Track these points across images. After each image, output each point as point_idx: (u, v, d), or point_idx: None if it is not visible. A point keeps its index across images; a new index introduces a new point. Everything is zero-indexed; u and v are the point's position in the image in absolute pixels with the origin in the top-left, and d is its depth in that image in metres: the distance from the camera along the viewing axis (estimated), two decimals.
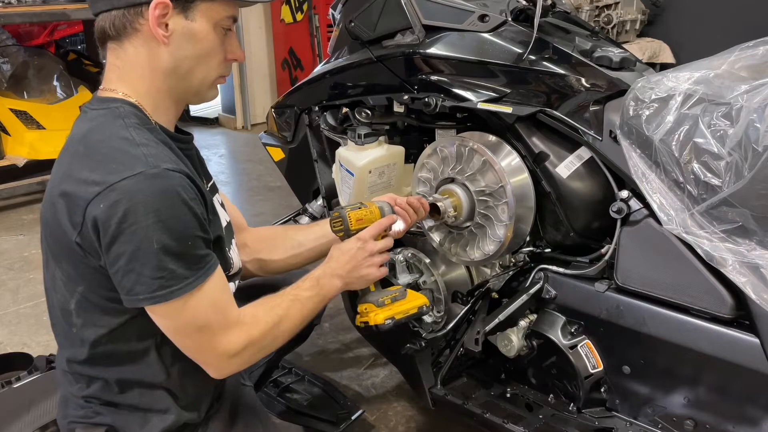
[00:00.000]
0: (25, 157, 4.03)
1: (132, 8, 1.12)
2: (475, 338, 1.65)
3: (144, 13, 1.12)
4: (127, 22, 1.13)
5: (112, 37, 1.15)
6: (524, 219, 1.58)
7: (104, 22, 1.14)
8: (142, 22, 1.12)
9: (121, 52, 1.15)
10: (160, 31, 1.12)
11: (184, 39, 1.14)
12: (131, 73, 1.16)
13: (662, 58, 4.66)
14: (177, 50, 1.15)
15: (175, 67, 1.16)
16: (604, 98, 1.56)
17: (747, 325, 1.36)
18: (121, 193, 1.03)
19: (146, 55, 1.14)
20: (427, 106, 1.63)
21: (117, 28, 1.13)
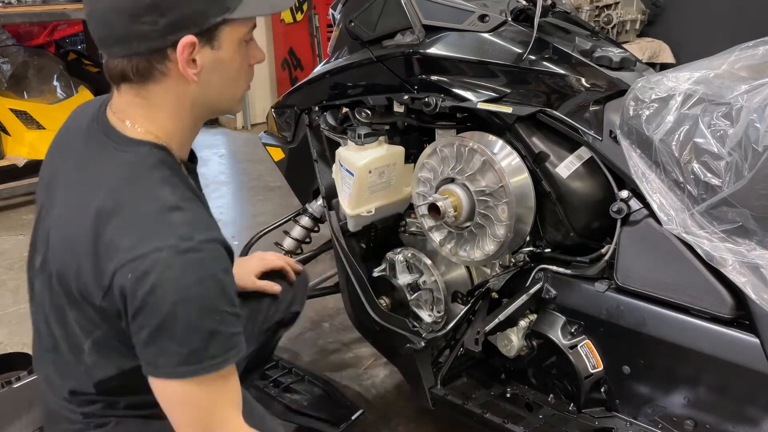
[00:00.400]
0: (25, 157, 4.03)
1: (155, 53, 1.04)
2: (475, 338, 1.65)
3: (170, 56, 1.04)
4: (152, 68, 1.06)
5: (131, 79, 1.08)
6: (524, 219, 1.58)
7: (123, 66, 1.07)
8: (168, 65, 1.05)
9: (144, 91, 1.09)
10: (191, 71, 1.06)
11: (213, 69, 1.09)
12: (159, 113, 1.10)
13: (662, 58, 4.66)
14: (207, 82, 1.09)
15: (204, 98, 1.12)
16: (604, 98, 1.56)
17: (747, 325, 1.36)
18: (151, 265, 0.97)
19: (175, 95, 1.09)
20: (427, 106, 1.63)
21: (141, 72, 1.06)
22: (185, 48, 1.03)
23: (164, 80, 1.07)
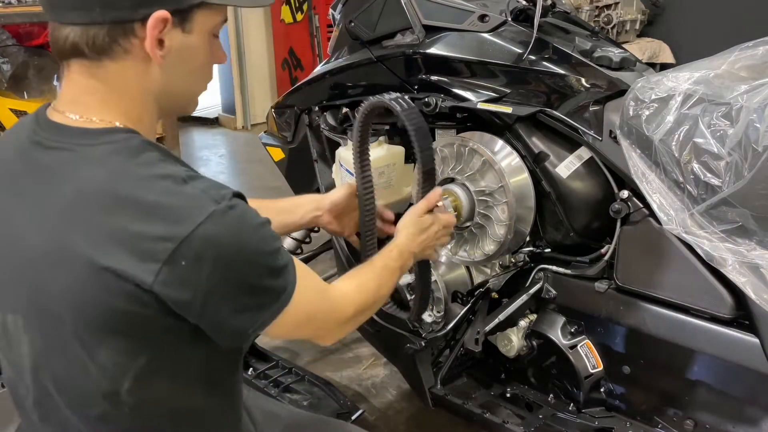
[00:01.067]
0: None
1: (119, 25, 0.91)
2: (475, 338, 1.65)
3: (136, 31, 0.92)
4: (114, 42, 0.92)
5: (85, 54, 0.93)
6: (524, 219, 1.58)
7: (75, 37, 0.92)
8: (133, 41, 0.92)
9: (99, 71, 0.94)
10: (158, 51, 0.93)
11: (180, 55, 0.97)
12: (118, 99, 0.96)
13: (662, 58, 4.66)
14: (172, 68, 0.97)
15: (166, 87, 0.99)
16: (604, 98, 1.56)
17: (747, 325, 1.36)
18: (203, 242, 0.87)
19: (135, 77, 0.96)
20: (427, 106, 1.63)
21: (98, 46, 0.92)
22: (157, 23, 0.91)
23: (125, 59, 0.94)
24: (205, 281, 0.88)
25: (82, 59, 0.93)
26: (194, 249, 0.86)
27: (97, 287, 0.88)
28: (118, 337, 0.91)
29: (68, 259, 0.89)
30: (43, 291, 0.92)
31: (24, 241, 0.93)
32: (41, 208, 0.92)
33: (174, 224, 0.86)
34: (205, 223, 0.87)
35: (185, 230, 0.86)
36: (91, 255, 0.87)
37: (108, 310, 0.89)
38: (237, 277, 0.91)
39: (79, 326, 0.91)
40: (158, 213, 0.87)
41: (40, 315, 0.94)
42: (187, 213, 0.87)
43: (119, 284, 0.87)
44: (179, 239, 0.86)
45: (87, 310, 0.89)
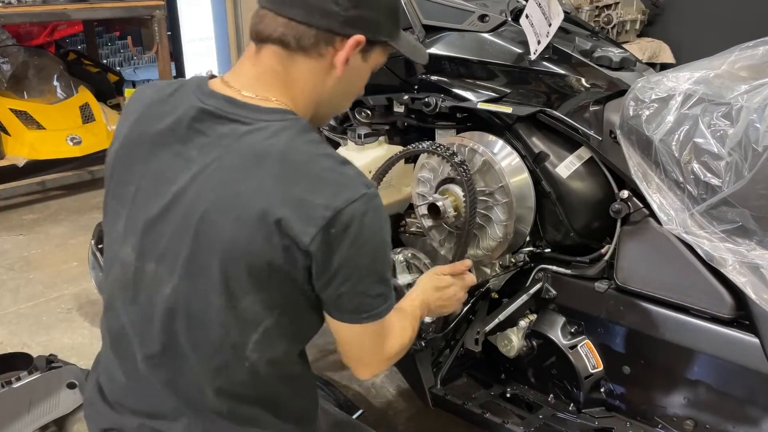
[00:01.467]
0: (25, 157, 4.03)
1: (328, 33, 1.07)
2: (475, 338, 1.65)
3: (336, 44, 1.08)
4: (317, 44, 1.08)
5: (286, 45, 1.08)
6: (524, 219, 1.58)
7: (286, 29, 1.07)
8: (329, 50, 1.09)
9: (289, 62, 1.10)
10: (342, 66, 1.10)
11: (353, 75, 1.14)
12: (296, 88, 1.11)
13: (662, 58, 4.66)
14: (344, 83, 1.14)
15: (331, 97, 1.15)
16: (604, 98, 1.56)
17: (747, 325, 1.36)
18: (351, 217, 1.00)
19: (315, 77, 1.11)
20: (427, 106, 1.63)
21: (301, 43, 1.08)
22: (354, 44, 1.09)
23: (316, 60, 1.10)
24: (345, 251, 1.01)
25: (281, 48, 1.09)
26: (344, 221, 1.00)
27: (262, 239, 1.00)
28: (263, 290, 1.04)
29: (240, 210, 1.01)
30: (206, 241, 1.03)
31: (189, 196, 1.05)
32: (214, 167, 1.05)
33: (333, 197, 1.00)
34: (357, 201, 1.01)
35: (341, 203, 1.00)
36: (264, 207, 1.00)
37: (265, 262, 1.02)
38: (368, 257, 1.05)
39: (232, 275, 1.03)
40: (322, 185, 1.02)
41: (194, 264, 1.05)
42: (344, 189, 1.02)
43: (281, 239, 1.00)
44: (335, 210, 1.00)
45: (246, 260, 1.02)
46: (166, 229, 1.07)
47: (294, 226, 1.00)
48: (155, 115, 1.13)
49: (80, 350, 2.49)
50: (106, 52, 6.61)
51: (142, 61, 6.52)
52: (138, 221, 1.10)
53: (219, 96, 1.10)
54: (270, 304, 1.06)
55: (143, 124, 1.14)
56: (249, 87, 1.10)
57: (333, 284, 1.04)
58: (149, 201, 1.09)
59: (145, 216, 1.09)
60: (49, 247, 3.46)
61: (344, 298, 1.06)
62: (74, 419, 2.08)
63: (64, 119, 4.22)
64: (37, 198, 4.12)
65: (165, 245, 1.07)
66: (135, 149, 1.13)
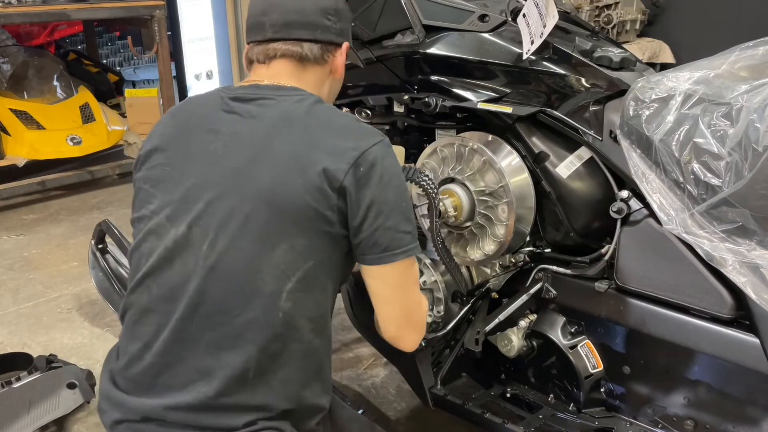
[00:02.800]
0: (25, 157, 4.03)
1: (328, 45, 1.31)
2: (475, 338, 1.65)
3: (333, 51, 1.32)
4: (324, 53, 1.30)
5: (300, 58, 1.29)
6: (524, 219, 1.58)
7: (299, 48, 1.28)
8: (329, 57, 1.32)
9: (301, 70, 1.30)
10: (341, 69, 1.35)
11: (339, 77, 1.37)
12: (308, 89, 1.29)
13: (662, 58, 4.67)
14: (336, 84, 1.38)
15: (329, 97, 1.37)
16: (604, 98, 1.56)
17: (747, 325, 1.36)
18: (375, 155, 1.17)
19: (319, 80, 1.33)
20: (427, 106, 1.63)
21: (315, 56, 1.29)
22: (346, 49, 1.35)
23: (322, 67, 1.32)
24: (374, 187, 1.15)
25: (293, 60, 1.29)
26: (370, 159, 1.16)
27: (299, 182, 1.13)
28: (299, 234, 1.14)
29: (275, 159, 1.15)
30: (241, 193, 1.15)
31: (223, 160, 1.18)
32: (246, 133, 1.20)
33: (358, 140, 1.18)
34: (378, 144, 1.19)
35: (366, 144, 1.17)
36: (298, 153, 1.15)
37: (301, 206, 1.13)
38: (394, 195, 1.18)
39: (268, 221, 1.14)
40: (347, 132, 1.20)
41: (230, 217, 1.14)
42: (366, 135, 1.20)
43: (317, 180, 1.13)
44: (362, 149, 1.16)
45: (283, 205, 1.13)
46: (201, 192, 1.17)
47: (328, 166, 1.13)
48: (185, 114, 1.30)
49: (80, 350, 2.49)
50: (106, 52, 6.61)
51: (142, 61, 6.53)
52: (173, 194, 1.20)
53: (244, 86, 1.28)
54: (304, 250, 1.15)
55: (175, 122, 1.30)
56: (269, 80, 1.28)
57: (367, 221, 1.16)
58: (184, 174, 1.20)
59: (182, 187, 1.19)
60: (49, 247, 3.46)
61: (378, 233, 1.17)
62: (74, 419, 2.08)
63: (64, 119, 4.23)
64: (37, 198, 4.12)
65: (201, 207, 1.16)
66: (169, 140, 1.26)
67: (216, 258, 1.14)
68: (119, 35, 6.72)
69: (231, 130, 1.21)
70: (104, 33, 6.62)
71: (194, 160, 1.21)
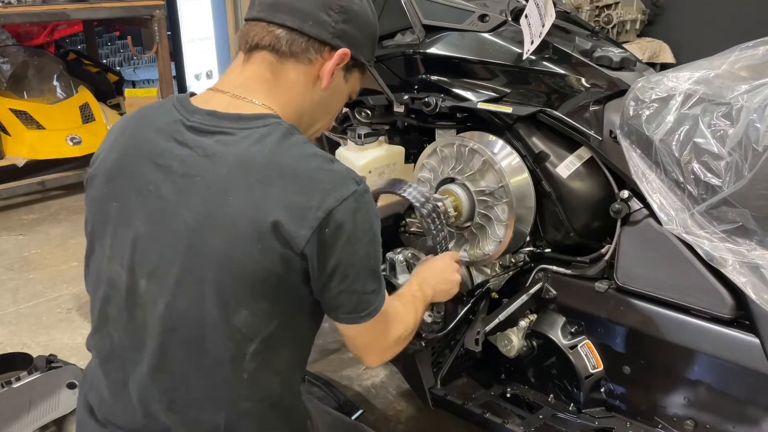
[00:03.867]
0: (25, 157, 4.02)
1: (318, 42, 1.11)
2: (475, 338, 1.65)
3: (323, 53, 1.12)
4: (307, 51, 1.11)
5: (276, 51, 1.10)
6: (524, 219, 1.58)
7: (280, 36, 1.10)
8: (318, 59, 1.12)
9: (279, 67, 1.12)
10: (329, 76, 1.13)
11: (334, 90, 1.17)
12: (284, 95, 1.12)
13: (662, 58, 4.66)
14: (326, 96, 1.17)
15: (315, 109, 1.17)
16: (604, 98, 1.56)
17: (747, 325, 1.36)
18: (344, 215, 1.02)
19: (302, 85, 1.13)
20: (427, 106, 1.63)
21: (293, 49, 1.10)
22: (343, 56, 1.13)
23: (304, 67, 1.12)
24: (339, 251, 1.02)
25: (272, 54, 1.11)
26: (337, 220, 1.01)
27: (257, 247, 1.00)
28: (260, 299, 1.04)
29: (231, 221, 1.01)
30: (197, 255, 1.03)
31: (177, 210, 1.04)
32: (200, 180, 1.04)
33: (324, 197, 1.01)
34: (348, 199, 1.02)
35: (332, 203, 1.01)
36: (256, 215, 1.00)
37: (261, 272, 1.01)
38: (362, 253, 1.05)
39: (227, 288, 1.02)
40: (313, 186, 1.02)
41: (188, 278, 1.04)
42: (336, 188, 1.02)
43: (276, 245, 1.00)
44: (327, 209, 1.01)
45: (242, 271, 1.01)
46: (155, 244, 1.06)
47: (288, 230, 1.00)
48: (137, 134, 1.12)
49: (80, 350, 2.49)
50: (106, 52, 6.60)
51: (142, 61, 6.52)
52: (126, 238, 1.08)
53: (201, 111, 1.09)
54: (267, 313, 1.06)
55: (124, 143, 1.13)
56: (238, 90, 1.12)
57: (331, 284, 1.05)
58: (134, 216, 1.08)
59: (133, 232, 1.08)
60: (48, 247, 3.46)
61: (342, 297, 1.07)
62: (74, 419, 2.08)
63: (64, 119, 4.22)
64: (37, 198, 4.11)
65: (156, 261, 1.06)
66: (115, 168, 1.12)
67: (176, 320, 1.06)
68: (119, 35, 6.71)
69: (183, 170, 1.05)
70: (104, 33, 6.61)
71: (144, 202, 1.07)
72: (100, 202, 1.13)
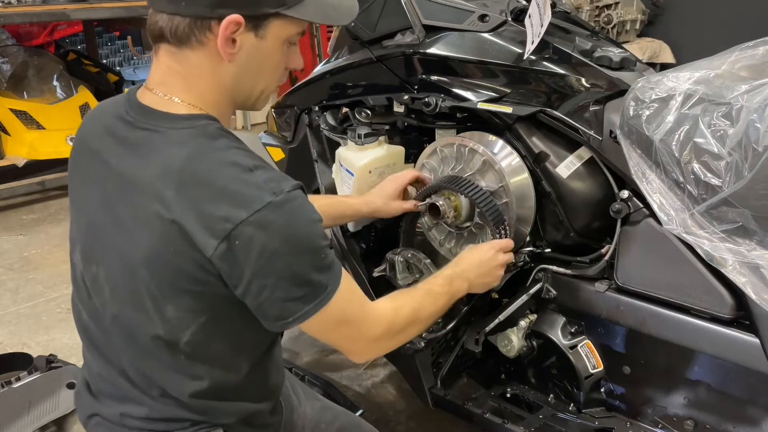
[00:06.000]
0: (25, 157, 4.03)
1: (199, 20, 1.03)
2: (475, 338, 1.65)
3: (212, 28, 1.04)
4: (192, 34, 1.05)
5: (169, 41, 1.06)
6: (524, 219, 1.58)
7: (163, 23, 1.05)
8: (209, 36, 1.04)
9: (181, 57, 1.07)
10: (228, 49, 1.05)
11: (251, 55, 1.09)
12: (198, 82, 1.09)
13: (662, 58, 4.66)
14: (242, 66, 1.09)
15: (239, 82, 1.11)
16: (604, 98, 1.56)
17: (747, 325, 1.36)
18: (256, 227, 0.99)
19: (210, 68, 1.08)
20: (427, 106, 1.63)
21: (179, 36, 1.05)
22: (229, 25, 1.03)
23: (201, 50, 1.06)
24: (253, 263, 1.00)
25: (168, 45, 1.07)
26: (247, 233, 0.99)
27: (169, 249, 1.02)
28: (184, 296, 1.06)
29: (146, 222, 1.03)
30: (127, 249, 1.06)
31: (107, 205, 1.09)
32: (130, 179, 1.06)
33: (235, 208, 0.99)
34: (262, 211, 0.99)
35: (243, 215, 0.98)
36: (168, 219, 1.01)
37: (178, 271, 1.03)
38: (282, 265, 1.02)
39: (152, 283, 1.05)
40: (224, 196, 1.00)
41: (123, 270, 1.08)
42: (248, 200, 1.00)
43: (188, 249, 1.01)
44: (237, 221, 0.98)
45: (161, 269, 1.04)
46: (98, 234, 1.12)
47: (197, 238, 1.00)
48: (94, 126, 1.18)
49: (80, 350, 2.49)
50: (106, 52, 6.61)
51: (142, 61, 6.53)
52: (81, 225, 1.16)
53: (138, 106, 1.11)
54: (193, 309, 1.07)
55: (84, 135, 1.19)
56: (159, 87, 1.10)
57: (250, 294, 1.04)
58: (83, 206, 1.16)
59: (85, 220, 1.15)
60: (48, 247, 3.46)
61: (266, 305, 1.05)
62: (74, 419, 2.08)
63: (63, 119, 4.23)
64: (37, 198, 4.12)
65: (101, 250, 1.12)
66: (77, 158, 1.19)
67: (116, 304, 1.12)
68: (119, 35, 6.72)
69: (118, 167, 1.08)
70: (104, 33, 6.61)
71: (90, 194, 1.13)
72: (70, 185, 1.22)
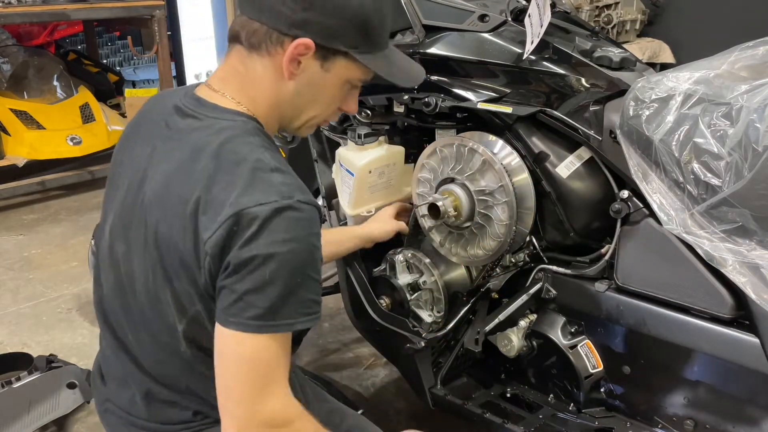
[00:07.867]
0: (25, 157, 4.03)
1: (275, 33, 1.09)
2: (475, 338, 1.65)
3: (285, 44, 1.09)
4: (264, 43, 1.10)
5: (242, 43, 1.12)
6: (524, 219, 1.58)
7: (243, 25, 1.12)
8: (279, 50, 1.10)
9: (248, 61, 1.13)
10: (291, 68, 1.11)
11: (310, 81, 1.14)
12: (254, 87, 1.14)
13: (662, 58, 4.66)
14: (300, 87, 1.14)
15: (292, 102, 1.16)
16: (604, 98, 1.56)
17: (747, 325, 1.36)
18: (252, 218, 1.00)
19: (272, 79, 1.13)
20: (427, 106, 1.63)
21: (252, 41, 1.11)
22: (299, 46, 1.08)
23: (268, 59, 1.11)
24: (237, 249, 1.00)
25: (240, 46, 1.13)
26: (246, 220, 1.00)
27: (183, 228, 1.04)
28: (182, 281, 1.08)
29: (170, 199, 1.07)
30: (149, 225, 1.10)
31: (144, 182, 1.13)
32: (164, 156, 1.12)
33: (241, 196, 1.01)
34: (265, 206, 1.00)
35: (247, 203, 1.00)
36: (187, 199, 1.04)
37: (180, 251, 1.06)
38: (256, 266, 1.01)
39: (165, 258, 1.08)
40: (237, 185, 1.02)
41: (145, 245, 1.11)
42: (255, 193, 1.02)
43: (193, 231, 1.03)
44: (239, 208, 1.00)
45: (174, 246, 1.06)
46: (128, 211, 1.16)
47: (201, 221, 1.03)
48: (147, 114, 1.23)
49: (80, 350, 2.49)
50: (106, 52, 6.60)
51: (142, 61, 6.52)
52: (114, 203, 1.20)
53: (193, 96, 1.17)
54: (188, 294, 1.09)
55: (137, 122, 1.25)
56: (219, 84, 1.16)
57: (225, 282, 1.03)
58: (121, 185, 1.19)
59: (119, 198, 1.18)
60: (49, 247, 3.46)
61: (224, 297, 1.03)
62: (74, 419, 2.09)
63: (64, 119, 4.23)
64: (37, 198, 4.12)
65: (129, 226, 1.15)
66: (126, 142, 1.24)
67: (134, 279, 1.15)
68: (119, 35, 6.72)
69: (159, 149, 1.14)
70: (104, 33, 6.61)
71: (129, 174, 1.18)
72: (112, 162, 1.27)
